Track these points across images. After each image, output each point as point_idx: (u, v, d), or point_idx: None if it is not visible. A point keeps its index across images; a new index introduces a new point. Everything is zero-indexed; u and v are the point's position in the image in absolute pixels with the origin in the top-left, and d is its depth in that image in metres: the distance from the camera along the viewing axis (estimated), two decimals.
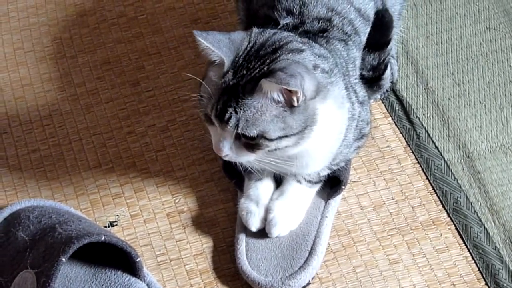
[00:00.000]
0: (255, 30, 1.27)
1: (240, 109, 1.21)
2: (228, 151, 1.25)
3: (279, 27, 1.32)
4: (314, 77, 1.23)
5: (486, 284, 1.34)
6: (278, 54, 1.23)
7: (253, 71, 1.22)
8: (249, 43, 1.25)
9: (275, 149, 1.24)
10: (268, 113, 1.21)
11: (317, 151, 1.30)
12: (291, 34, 1.29)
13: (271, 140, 1.22)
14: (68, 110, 1.58)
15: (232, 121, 1.22)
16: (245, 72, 1.22)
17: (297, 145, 1.25)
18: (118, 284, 1.31)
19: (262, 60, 1.23)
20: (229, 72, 1.23)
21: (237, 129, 1.22)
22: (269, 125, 1.22)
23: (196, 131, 1.52)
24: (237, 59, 1.23)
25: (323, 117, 1.26)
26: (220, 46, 1.23)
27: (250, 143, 1.23)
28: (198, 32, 1.22)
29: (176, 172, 1.49)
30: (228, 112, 1.21)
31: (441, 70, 1.59)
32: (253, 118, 1.21)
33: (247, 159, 1.26)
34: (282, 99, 1.21)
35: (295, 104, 1.21)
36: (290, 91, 1.20)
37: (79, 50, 1.66)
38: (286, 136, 1.23)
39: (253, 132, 1.22)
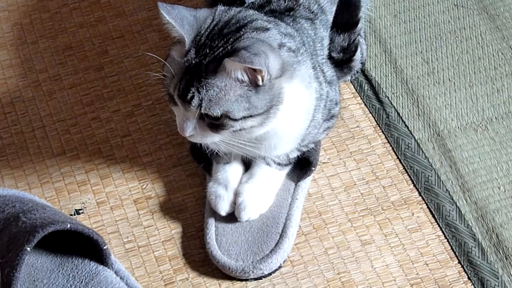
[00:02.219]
0: (220, 8, 1.24)
1: (203, 89, 1.18)
2: (192, 131, 1.22)
3: (245, 5, 1.30)
4: (279, 56, 1.21)
5: (459, 262, 1.33)
6: (242, 33, 1.21)
7: (216, 50, 1.19)
8: (212, 21, 1.22)
9: (240, 130, 1.22)
10: (232, 92, 1.19)
11: (284, 132, 1.28)
12: (256, 12, 1.27)
13: (236, 120, 1.20)
14: (30, 97, 1.54)
15: (195, 101, 1.19)
16: (208, 51, 1.20)
17: (263, 125, 1.23)
18: (86, 273, 1.28)
19: (225, 39, 1.20)
20: (191, 51, 1.20)
21: (200, 109, 1.19)
22: (233, 105, 1.19)
23: (162, 115, 1.49)
24: (199, 37, 1.21)
25: (290, 96, 1.24)
26: (182, 24, 1.20)
27: (214, 123, 1.21)
28: (162, 4, 1.20)
29: (143, 157, 1.46)
30: (191, 91, 1.19)
31: (409, 49, 1.57)
32: (217, 97, 1.19)
33: (212, 139, 1.24)
34: (246, 78, 1.19)
35: (260, 83, 1.19)
36: (254, 70, 1.17)
37: (40, 35, 1.62)
38: (251, 116, 1.20)
39: (216, 112, 1.19)
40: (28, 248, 1.21)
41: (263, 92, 1.20)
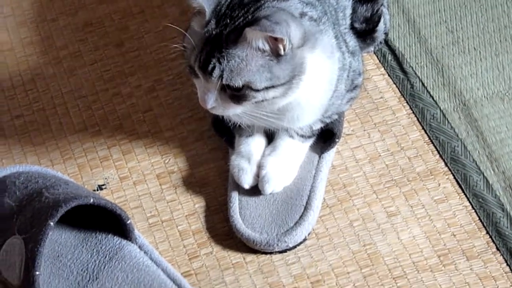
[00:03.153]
0: None
1: (224, 59, 1.17)
2: (213, 103, 1.21)
3: None
4: (301, 25, 1.19)
5: (488, 233, 1.31)
6: (262, 2, 1.19)
7: (237, 20, 1.18)
8: None
9: (263, 101, 1.20)
10: (254, 62, 1.17)
11: (307, 103, 1.26)
12: None
13: (258, 90, 1.18)
14: (51, 73, 1.54)
15: (216, 72, 1.18)
16: (228, 21, 1.18)
17: (285, 95, 1.21)
18: (110, 247, 1.28)
19: (246, 9, 1.18)
20: (212, 22, 1.19)
21: (222, 80, 1.18)
22: (255, 75, 1.17)
23: (184, 90, 1.48)
24: (219, 7, 1.19)
25: (312, 66, 1.22)
26: None
27: (236, 95, 1.19)
28: None
29: (165, 132, 1.45)
30: (212, 62, 1.17)
31: (433, 18, 1.54)
32: (238, 68, 1.17)
33: (234, 111, 1.22)
34: (267, 47, 1.17)
35: (282, 52, 1.17)
36: (275, 39, 1.16)
37: (60, 12, 1.61)
38: (273, 86, 1.19)
39: (238, 83, 1.18)
40: (52, 223, 1.20)
41: (285, 61, 1.18)
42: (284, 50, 1.17)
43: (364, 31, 1.38)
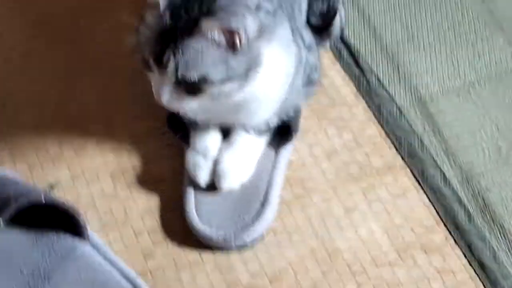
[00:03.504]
0: None
1: (179, 52, 1.15)
2: (169, 97, 1.19)
3: None
4: (257, 17, 1.18)
5: (446, 227, 1.30)
6: None
7: (192, 12, 1.16)
8: None
9: (219, 94, 1.18)
10: (209, 54, 1.15)
11: (264, 96, 1.25)
12: None
13: (214, 83, 1.17)
14: (0, 73, 1.50)
15: (171, 65, 1.16)
16: (183, 12, 1.16)
17: (242, 88, 1.19)
18: (63, 247, 1.24)
19: (201, 0, 1.16)
20: (166, 13, 1.17)
21: (177, 73, 1.16)
22: (210, 68, 1.16)
23: (138, 86, 1.45)
24: (173, 1, 1.17)
25: (269, 59, 1.20)
26: None
27: (192, 88, 1.17)
28: None
29: (118, 129, 1.42)
30: (166, 55, 1.15)
31: (388, 15, 1.54)
32: (193, 60, 1.15)
33: (189, 105, 1.20)
34: (223, 39, 1.15)
35: (238, 44, 1.15)
36: (231, 31, 1.14)
37: (10, 10, 1.58)
38: (229, 78, 1.17)
39: (193, 76, 1.16)
40: (1, 221, 1.17)
41: (241, 54, 1.17)
42: (240, 42, 1.16)
43: (320, 27, 1.37)
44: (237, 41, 1.16)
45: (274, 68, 1.22)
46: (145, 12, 1.20)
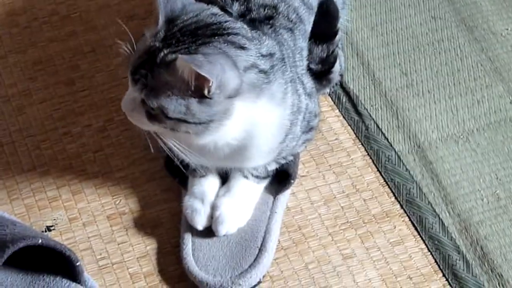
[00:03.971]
0: (213, 10, 1.20)
1: (150, 75, 1.15)
2: (130, 111, 1.19)
3: (233, 16, 1.26)
4: (238, 77, 1.16)
5: (444, 275, 1.29)
6: (213, 40, 1.16)
7: (181, 45, 1.16)
8: (194, 17, 1.18)
9: (174, 130, 1.17)
10: (174, 91, 1.14)
11: (253, 147, 1.24)
12: (244, 27, 1.21)
13: (168, 118, 1.16)
14: None
15: (139, 84, 1.16)
16: (173, 42, 1.16)
17: (199, 135, 1.18)
18: None
19: (195, 39, 1.16)
20: (159, 35, 1.17)
21: (142, 94, 1.16)
22: (170, 103, 1.15)
23: (135, 129, 1.45)
24: (172, 26, 1.17)
25: (256, 115, 1.20)
26: (166, 4, 1.17)
27: (150, 113, 1.17)
28: None
29: (116, 172, 1.42)
30: (140, 73, 1.16)
31: (387, 61, 1.55)
32: (158, 89, 1.15)
33: (146, 127, 1.20)
34: (193, 83, 1.13)
35: (206, 93, 1.14)
36: (203, 78, 1.12)
37: (9, 50, 1.58)
38: (185, 121, 1.16)
39: (153, 103, 1.16)
40: None
41: (206, 104, 1.15)
42: (208, 92, 1.14)
43: (320, 72, 1.37)
44: (205, 90, 1.14)
45: (262, 123, 1.21)
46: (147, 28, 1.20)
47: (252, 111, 1.20)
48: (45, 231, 1.35)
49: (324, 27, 1.34)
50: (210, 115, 1.16)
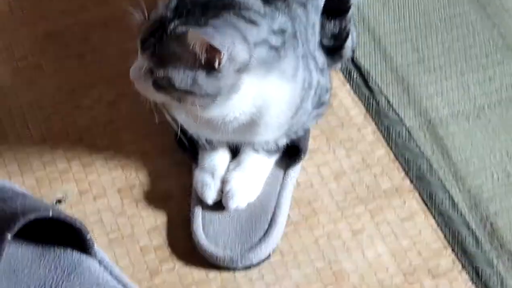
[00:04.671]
0: None
1: (159, 45, 1.15)
2: (137, 79, 1.19)
3: None
4: (247, 51, 1.16)
5: (453, 251, 1.29)
6: (224, 13, 1.16)
7: (191, 16, 1.15)
8: None
9: (180, 101, 1.18)
10: (183, 63, 1.15)
11: (262, 122, 1.24)
12: (257, 2, 1.20)
13: (175, 89, 1.16)
14: (9, 84, 1.50)
15: (147, 52, 1.16)
16: (185, 13, 1.16)
17: (206, 108, 1.18)
18: (68, 263, 1.24)
19: (205, 11, 1.16)
20: (171, 4, 1.17)
21: (150, 63, 1.16)
22: (177, 74, 1.15)
23: (147, 103, 1.45)
24: None
25: (265, 91, 1.20)
26: None
27: (157, 82, 1.18)
28: None
29: (126, 146, 1.42)
30: (148, 42, 1.16)
31: (398, 37, 1.54)
32: (166, 59, 1.15)
33: (152, 96, 1.20)
34: (203, 56, 1.13)
35: (216, 66, 1.14)
36: (214, 50, 1.12)
37: (20, 23, 1.58)
38: (192, 93, 1.16)
39: (160, 73, 1.16)
40: (9, 236, 1.16)
41: (214, 77, 1.15)
42: (219, 64, 1.14)
43: (332, 48, 1.36)
44: (216, 62, 1.14)
45: (272, 99, 1.22)
46: None
47: (261, 86, 1.20)
48: (56, 204, 1.36)
49: (337, 2, 1.34)
50: (217, 88, 1.16)
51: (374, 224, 1.32)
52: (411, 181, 1.37)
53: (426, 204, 1.34)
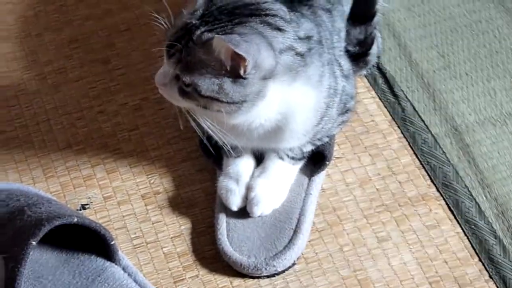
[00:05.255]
0: None
1: (185, 51, 1.15)
2: (163, 85, 1.19)
3: None
4: (273, 58, 1.16)
5: (480, 260, 1.28)
6: (250, 20, 1.16)
7: (217, 23, 1.15)
8: None
9: (206, 108, 1.18)
10: (209, 69, 1.15)
11: (287, 128, 1.24)
12: (283, 8, 1.20)
13: (201, 96, 1.16)
14: (34, 90, 1.50)
15: (173, 59, 1.16)
16: (210, 20, 1.16)
17: (231, 115, 1.18)
18: (92, 269, 1.24)
19: (232, 18, 1.16)
20: (198, 12, 1.17)
21: (175, 69, 1.16)
22: (204, 81, 1.15)
23: (171, 109, 1.45)
24: (212, 4, 1.17)
25: (290, 98, 1.20)
26: None
27: (183, 89, 1.18)
28: None
29: (151, 151, 1.42)
30: (175, 48, 1.16)
31: (424, 42, 1.53)
32: (192, 66, 1.15)
33: (177, 103, 1.21)
34: (229, 63, 1.14)
35: (241, 73, 1.14)
36: (239, 57, 1.12)
37: (45, 28, 1.59)
38: (217, 100, 1.16)
39: (186, 79, 1.16)
40: (34, 242, 1.16)
41: (240, 84, 1.15)
42: (244, 72, 1.14)
43: (358, 54, 1.35)
44: (241, 69, 1.14)
45: (297, 105, 1.21)
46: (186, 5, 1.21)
47: (287, 93, 1.20)
48: (80, 210, 1.36)
49: (363, 9, 1.33)
50: (243, 96, 1.16)
51: (400, 232, 1.31)
52: (437, 189, 1.36)
53: (452, 212, 1.33)
